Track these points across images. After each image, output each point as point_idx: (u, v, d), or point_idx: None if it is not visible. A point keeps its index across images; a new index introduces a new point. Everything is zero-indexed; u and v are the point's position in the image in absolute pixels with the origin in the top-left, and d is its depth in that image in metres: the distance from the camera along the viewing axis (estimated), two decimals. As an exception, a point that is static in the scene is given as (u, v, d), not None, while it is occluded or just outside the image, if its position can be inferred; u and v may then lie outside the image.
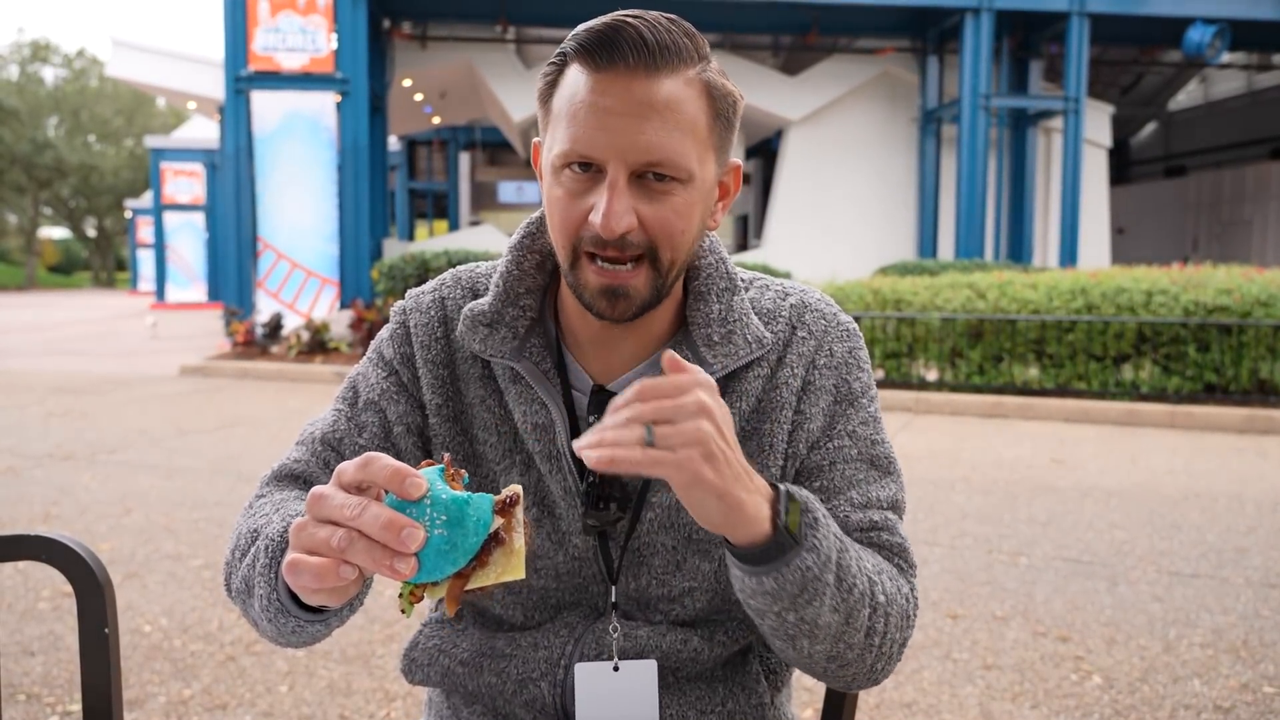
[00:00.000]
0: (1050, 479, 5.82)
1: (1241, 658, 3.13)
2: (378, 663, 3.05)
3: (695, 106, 0.90)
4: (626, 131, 0.87)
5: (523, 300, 1.02)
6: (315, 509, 0.71)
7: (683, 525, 1.00)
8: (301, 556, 0.71)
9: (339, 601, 0.76)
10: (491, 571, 0.73)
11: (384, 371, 1.07)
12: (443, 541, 0.70)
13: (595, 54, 0.87)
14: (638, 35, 0.86)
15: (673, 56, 0.88)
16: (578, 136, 0.88)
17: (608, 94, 0.87)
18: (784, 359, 1.02)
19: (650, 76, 0.87)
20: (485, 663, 1.05)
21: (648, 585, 1.02)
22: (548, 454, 1.01)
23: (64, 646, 3.15)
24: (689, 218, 0.92)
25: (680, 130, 0.88)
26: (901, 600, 0.94)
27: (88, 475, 5.74)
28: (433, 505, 0.70)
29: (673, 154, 0.88)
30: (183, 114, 36.99)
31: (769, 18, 17.58)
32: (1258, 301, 8.19)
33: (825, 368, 1.02)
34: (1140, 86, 26.67)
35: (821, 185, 18.73)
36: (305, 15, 14.47)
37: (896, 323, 9.30)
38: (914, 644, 3.24)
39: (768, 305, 1.05)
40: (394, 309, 1.10)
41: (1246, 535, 4.57)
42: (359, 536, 0.69)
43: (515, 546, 0.73)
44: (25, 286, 56.21)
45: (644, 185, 0.89)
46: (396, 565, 0.69)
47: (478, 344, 1.01)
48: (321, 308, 14.53)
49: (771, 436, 1.00)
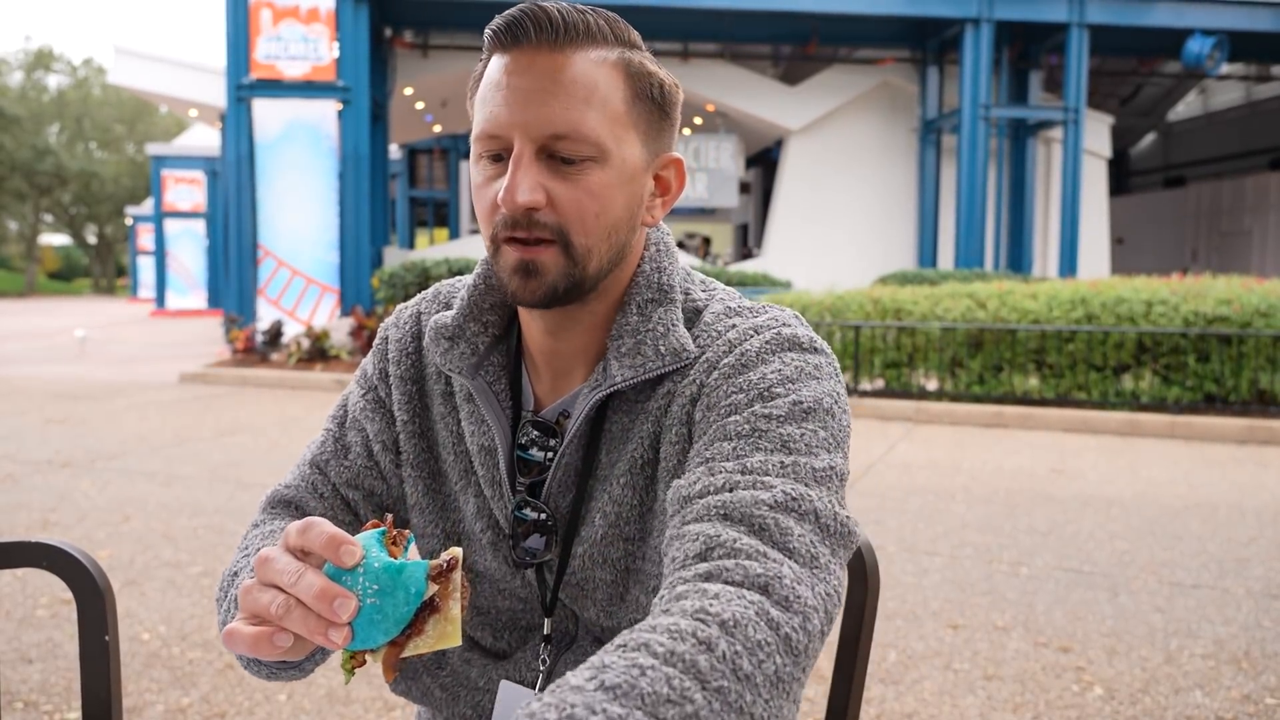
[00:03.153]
0: (1051, 489, 5.81)
1: (1243, 669, 3.12)
2: (377, 671, 3.04)
3: (608, 83, 0.87)
4: (529, 105, 0.85)
5: (486, 316, 0.99)
6: (261, 572, 0.71)
7: (617, 560, 0.95)
8: (237, 628, 0.70)
9: (299, 653, 0.75)
10: (427, 639, 0.72)
11: (364, 389, 1.06)
12: (375, 611, 0.69)
13: (503, 35, 0.87)
14: (543, 14, 0.86)
15: (580, 35, 0.86)
16: (486, 117, 0.87)
17: (514, 72, 0.86)
18: (691, 367, 0.91)
19: (555, 52, 0.86)
20: (462, 694, 1.04)
21: (596, 618, 0.98)
22: (491, 479, 0.98)
23: (62, 654, 3.14)
24: (604, 199, 0.87)
25: (588, 105, 0.85)
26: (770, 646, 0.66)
27: (86, 482, 5.73)
28: (365, 574, 0.69)
29: (578, 126, 0.84)
30: (184, 121, 37.10)
31: (769, 28, 17.64)
32: (1257, 312, 8.20)
33: (728, 367, 0.88)
34: (1140, 97, 26.74)
35: (822, 195, 18.76)
36: (307, 24, 14.51)
37: (896, 332, 9.30)
38: (914, 654, 3.23)
39: (709, 319, 0.94)
40: (380, 326, 1.11)
41: (1247, 546, 4.56)
42: (296, 604, 0.69)
43: (451, 614, 0.72)
44: (25, 293, 56.22)
45: (554, 165, 0.86)
46: (330, 634, 0.68)
47: (440, 357, 0.98)
48: (322, 315, 14.54)
49: (668, 458, 0.91)
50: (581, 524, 0.96)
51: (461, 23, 17.41)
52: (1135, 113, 27.80)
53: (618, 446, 0.94)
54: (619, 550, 0.94)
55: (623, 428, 0.94)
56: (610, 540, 0.94)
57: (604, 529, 0.94)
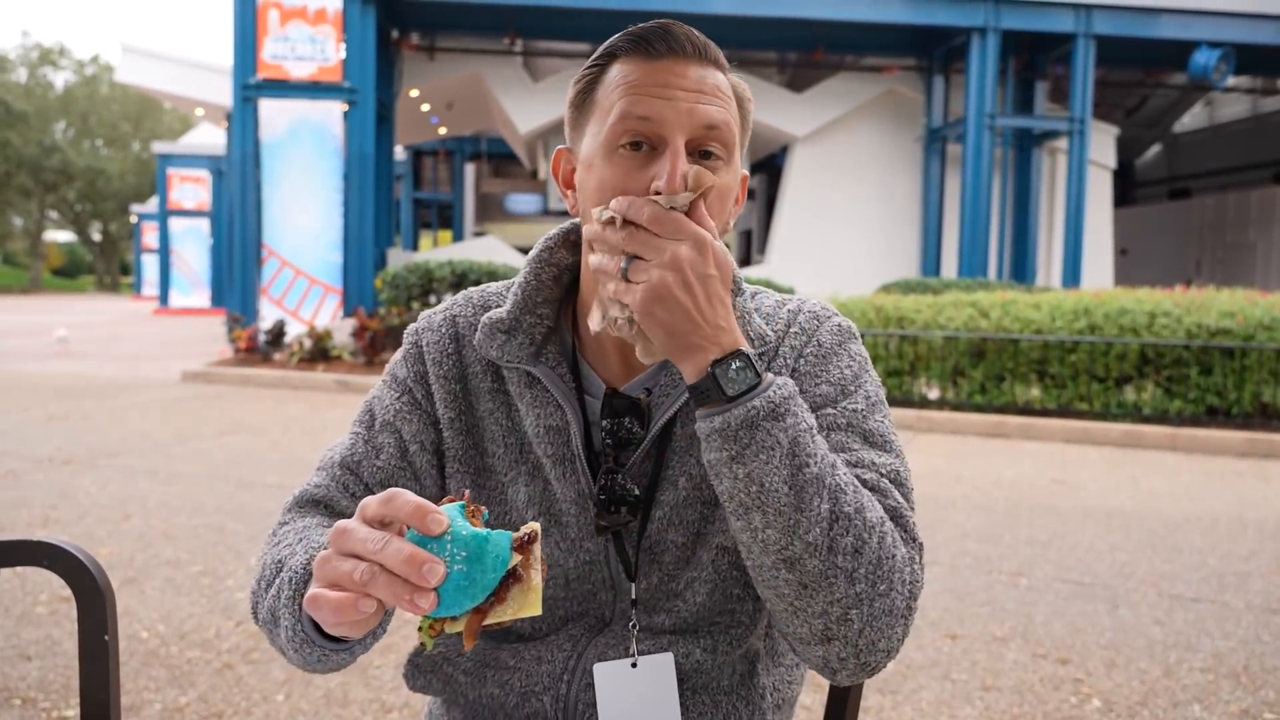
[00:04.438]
0: (1051, 499, 5.80)
1: (1242, 683, 3.12)
2: (375, 673, 3.04)
3: (731, 100, 0.97)
4: (686, 100, 0.92)
5: (540, 309, 1.05)
6: (339, 543, 0.73)
7: (691, 522, 1.02)
8: (322, 592, 0.73)
9: (360, 633, 0.78)
10: (509, 608, 0.74)
11: (397, 392, 1.09)
12: (462, 577, 0.71)
13: (652, 44, 0.94)
14: (689, 32, 0.95)
15: (714, 56, 0.97)
16: (638, 103, 0.92)
17: (668, 73, 0.93)
18: (778, 352, 1.04)
19: (703, 65, 0.95)
20: (488, 674, 1.06)
21: (658, 582, 1.03)
22: (560, 457, 1.02)
23: (61, 651, 3.15)
24: (726, 201, 0.96)
25: (728, 111, 0.95)
26: (889, 540, 0.87)
27: (88, 480, 5.74)
28: (453, 541, 0.72)
29: (726, 121, 0.94)
30: (190, 120, 37.17)
31: (776, 35, 17.66)
32: (1261, 325, 8.19)
33: (813, 357, 1.03)
34: (1145, 108, 26.72)
35: (826, 201, 18.76)
36: (314, 25, 14.55)
37: (899, 340, 9.30)
38: (913, 664, 3.23)
39: (768, 309, 1.08)
40: (406, 332, 1.13)
41: (1248, 559, 4.56)
42: (381, 571, 0.71)
43: (533, 583, 0.75)
44: (30, 289, 56.34)
45: (695, 160, 0.93)
46: (417, 600, 0.70)
47: (495, 350, 1.03)
48: (324, 316, 14.56)
49: None
50: (659, 490, 1.01)
51: (468, 26, 17.44)
52: (1140, 124, 27.78)
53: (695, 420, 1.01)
54: (694, 513, 1.02)
55: None
56: (689, 504, 1.01)
57: (687, 492, 1.01)
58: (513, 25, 16.85)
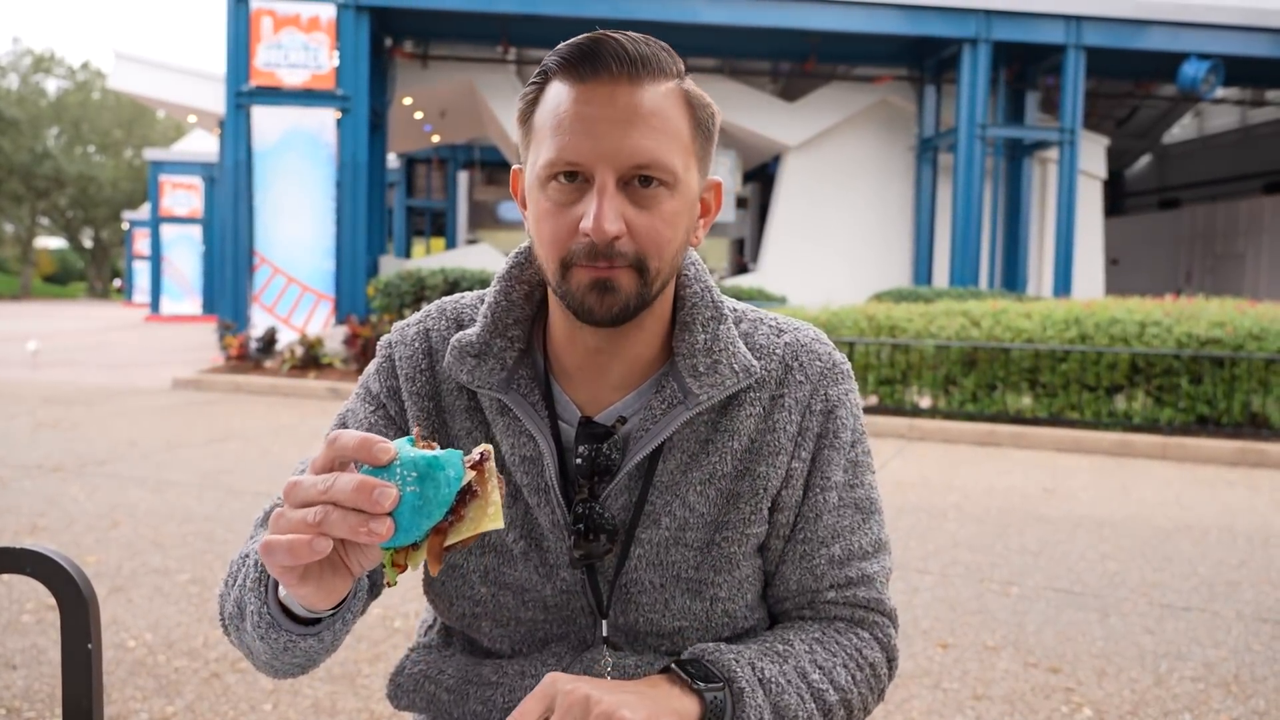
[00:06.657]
0: (1042, 508, 5.81)
1: (1232, 692, 3.12)
2: (363, 682, 3.03)
3: (677, 114, 0.91)
4: (612, 136, 0.87)
5: (511, 331, 1.01)
6: (290, 496, 0.72)
7: (671, 564, 0.99)
8: (272, 536, 0.71)
9: (325, 601, 0.77)
10: (468, 524, 0.73)
11: (371, 406, 1.06)
12: (416, 498, 0.70)
13: (579, 66, 0.89)
14: (619, 47, 0.89)
15: (653, 67, 0.90)
16: (564, 145, 0.88)
17: (592, 102, 0.88)
18: (781, 401, 1.01)
19: (634, 84, 0.89)
20: (471, 690, 1.04)
21: (636, 621, 1.01)
22: (535, 486, 1.00)
23: (46, 660, 3.12)
24: (675, 226, 0.92)
25: (665, 135, 0.89)
26: (864, 679, 1.02)
27: (76, 487, 5.71)
28: (402, 465, 0.71)
29: (660, 156, 0.89)
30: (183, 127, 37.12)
31: (768, 45, 17.72)
32: (1250, 335, 8.22)
33: (819, 413, 1.02)
34: (1135, 119, 26.90)
35: (818, 211, 18.81)
36: (308, 32, 14.54)
37: (891, 349, 9.31)
38: (904, 673, 3.22)
39: (761, 341, 1.04)
40: (380, 343, 1.09)
41: (1238, 569, 4.57)
42: (333, 508, 0.70)
43: (491, 498, 0.73)
44: (20, 296, 56.07)
45: (631, 192, 0.89)
46: (372, 526, 0.69)
47: (465, 375, 1.00)
48: (316, 323, 14.51)
49: (766, 480, 1.00)
50: (640, 527, 0.98)
51: (461, 34, 17.47)
52: (1131, 135, 27.96)
53: (684, 457, 0.99)
54: (676, 555, 0.99)
55: (696, 439, 0.99)
56: (670, 545, 0.99)
57: (670, 533, 0.99)
58: (506, 34, 16.88)
